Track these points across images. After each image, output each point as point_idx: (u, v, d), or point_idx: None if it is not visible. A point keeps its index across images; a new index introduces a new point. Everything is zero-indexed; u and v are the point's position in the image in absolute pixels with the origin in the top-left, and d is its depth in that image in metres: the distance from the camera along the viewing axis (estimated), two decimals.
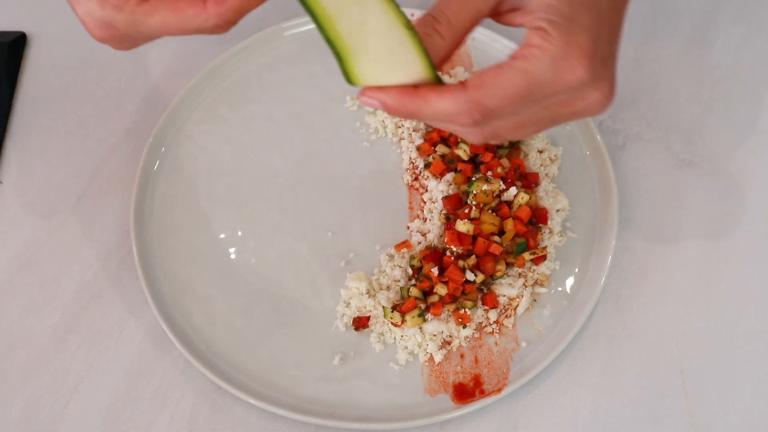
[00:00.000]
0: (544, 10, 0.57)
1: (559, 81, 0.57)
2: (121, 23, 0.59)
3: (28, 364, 0.82)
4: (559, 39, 0.57)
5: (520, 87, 0.57)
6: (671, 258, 0.87)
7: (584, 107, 0.60)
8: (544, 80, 0.57)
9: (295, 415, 0.78)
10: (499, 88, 0.57)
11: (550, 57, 0.57)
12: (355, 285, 0.83)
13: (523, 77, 0.57)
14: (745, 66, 0.97)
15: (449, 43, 0.60)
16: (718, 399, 0.81)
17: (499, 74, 0.57)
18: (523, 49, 0.58)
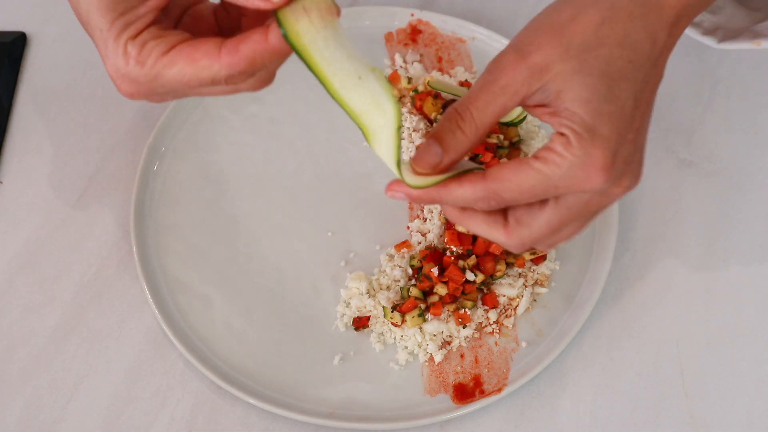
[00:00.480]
0: (569, 117, 0.60)
1: (574, 187, 0.61)
2: (143, 78, 0.59)
3: (28, 364, 0.82)
4: (578, 150, 0.59)
5: (536, 186, 0.60)
6: (671, 258, 0.87)
7: (608, 202, 0.63)
8: (560, 185, 0.60)
9: (295, 415, 0.78)
10: (516, 184, 0.61)
11: (568, 166, 0.60)
12: (355, 285, 0.83)
13: (539, 179, 0.60)
14: (745, 66, 0.97)
15: (471, 140, 0.62)
16: (718, 399, 0.81)
17: (518, 171, 0.61)
18: (545, 151, 0.60)
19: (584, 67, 0.60)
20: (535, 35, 0.62)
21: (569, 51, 0.60)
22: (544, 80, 0.60)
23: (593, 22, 0.61)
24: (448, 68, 0.96)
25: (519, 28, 1.01)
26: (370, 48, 0.97)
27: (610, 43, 0.61)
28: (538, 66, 0.60)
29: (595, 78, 0.60)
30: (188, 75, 0.58)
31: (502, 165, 0.62)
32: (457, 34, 0.97)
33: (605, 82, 0.60)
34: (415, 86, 0.93)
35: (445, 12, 0.99)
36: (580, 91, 0.60)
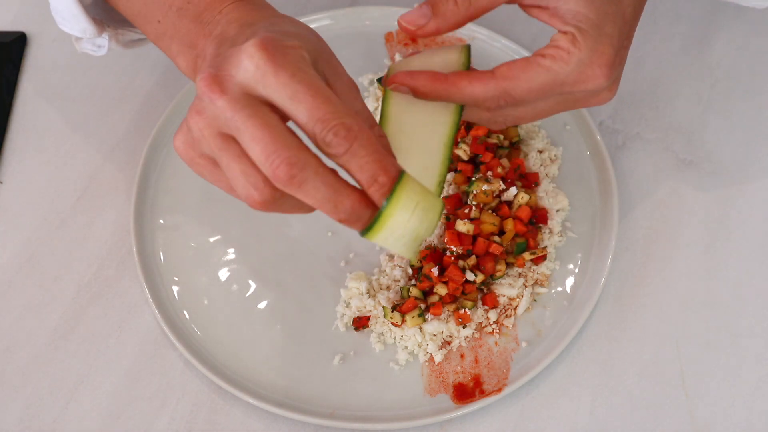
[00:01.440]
0: (574, 16, 0.61)
1: (581, 84, 0.62)
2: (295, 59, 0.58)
3: (28, 364, 0.82)
4: (585, 47, 0.61)
5: (545, 84, 0.62)
6: (671, 258, 0.87)
7: (595, 102, 0.66)
8: (568, 81, 0.62)
9: (295, 415, 0.78)
10: (526, 81, 0.62)
11: (576, 62, 0.61)
12: (355, 285, 0.83)
13: (548, 75, 0.62)
14: (745, 66, 0.97)
15: (461, 14, 0.63)
16: (718, 399, 0.81)
17: (527, 68, 0.62)
18: (551, 49, 0.62)
19: None
20: None
21: None
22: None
23: None
24: None
25: (519, 28, 1.02)
26: (370, 48, 0.97)
27: None
28: None
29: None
30: (326, 93, 0.57)
31: (510, 64, 0.62)
32: (457, 33, 0.97)
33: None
34: None
35: None
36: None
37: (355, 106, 0.60)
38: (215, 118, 0.57)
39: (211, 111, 0.57)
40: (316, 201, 0.57)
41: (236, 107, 0.56)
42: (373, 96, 0.93)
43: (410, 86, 0.62)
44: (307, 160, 0.56)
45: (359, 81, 0.94)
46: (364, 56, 0.96)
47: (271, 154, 0.55)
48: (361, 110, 0.60)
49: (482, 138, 0.86)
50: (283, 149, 0.55)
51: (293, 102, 0.56)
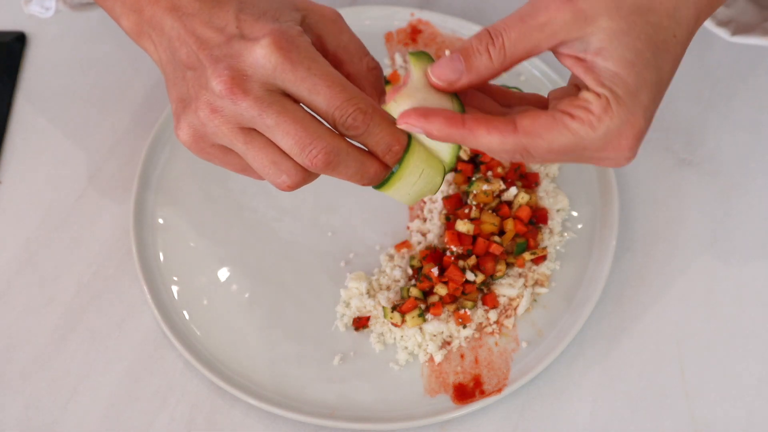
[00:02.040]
0: (611, 78, 0.57)
1: (603, 152, 0.59)
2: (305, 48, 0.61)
3: (28, 364, 0.82)
4: (617, 116, 0.57)
5: (567, 146, 0.58)
6: (671, 258, 0.87)
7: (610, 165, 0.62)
8: (591, 147, 0.59)
9: (294, 415, 0.78)
10: (548, 142, 0.58)
11: (604, 130, 0.58)
12: (355, 285, 0.83)
13: (572, 139, 0.58)
14: (745, 66, 0.97)
15: (495, 69, 0.60)
16: (718, 399, 0.81)
17: (552, 127, 0.58)
18: (581, 110, 0.58)
19: (633, 30, 0.57)
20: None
21: (620, 9, 0.58)
22: (586, 31, 0.57)
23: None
24: None
25: None
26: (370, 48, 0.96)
27: (660, 11, 0.58)
28: (585, 14, 0.57)
29: (642, 43, 0.58)
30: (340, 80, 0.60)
31: (534, 118, 0.59)
32: (457, 33, 0.97)
33: (651, 50, 0.58)
34: None
35: (445, 12, 0.99)
36: (625, 53, 0.57)
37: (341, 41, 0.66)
38: (236, 116, 0.60)
39: (230, 110, 0.60)
40: (347, 176, 0.63)
41: (262, 106, 0.59)
42: None
43: (424, 128, 0.60)
44: (339, 145, 0.61)
45: None
46: None
47: (306, 146, 0.60)
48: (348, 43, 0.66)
49: None
50: (317, 140, 0.60)
51: (312, 94, 0.60)
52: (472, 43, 0.59)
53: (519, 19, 0.59)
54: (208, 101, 0.61)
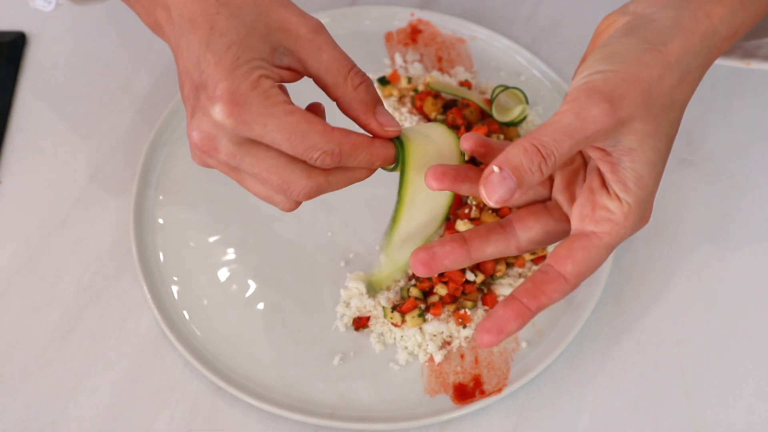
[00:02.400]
0: (635, 181, 0.60)
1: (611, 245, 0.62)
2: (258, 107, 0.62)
3: (28, 364, 0.82)
4: (637, 214, 0.61)
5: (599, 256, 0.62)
6: (671, 258, 0.87)
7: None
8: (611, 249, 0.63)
9: (295, 415, 0.78)
10: (593, 267, 0.62)
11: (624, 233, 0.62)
12: (355, 285, 0.83)
13: (607, 251, 0.62)
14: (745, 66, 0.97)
15: (543, 178, 0.60)
16: (718, 399, 0.81)
17: (591, 258, 0.62)
18: (606, 223, 0.61)
19: (658, 131, 0.60)
20: (626, 87, 0.59)
21: (650, 111, 0.60)
22: (620, 132, 0.59)
23: (673, 84, 0.61)
24: (448, 68, 0.96)
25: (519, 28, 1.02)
26: (370, 48, 0.97)
27: (677, 107, 0.62)
28: (624, 120, 0.59)
29: (663, 142, 0.61)
30: (301, 127, 0.61)
31: (575, 259, 0.62)
32: (457, 33, 0.97)
33: (667, 146, 0.62)
34: (415, 86, 0.93)
35: (445, 12, 0.99)
36: (650, 155, 0.60)
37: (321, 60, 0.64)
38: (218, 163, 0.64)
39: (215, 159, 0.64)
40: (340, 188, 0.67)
41: (236, 159, 0.63)
42: None
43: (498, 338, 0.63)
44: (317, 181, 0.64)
45: None
46: (364, 56, 0.96)
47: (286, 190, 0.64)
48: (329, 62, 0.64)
49: None
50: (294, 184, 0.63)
51: (276, 144, 0.62)
52: (523, 162, 0.59)
53: (568, 134, 0.58)
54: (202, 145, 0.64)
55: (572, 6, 1.02)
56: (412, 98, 0.92)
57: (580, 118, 0.58)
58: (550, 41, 0.99)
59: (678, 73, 0.61)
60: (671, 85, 0.61)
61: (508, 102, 0.89)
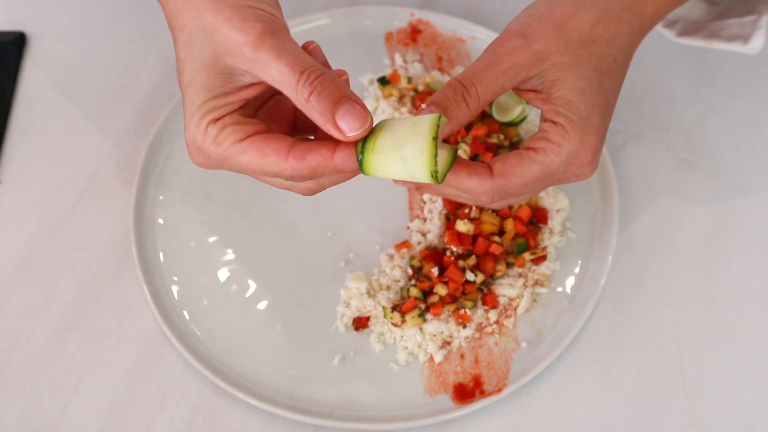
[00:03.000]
0: (564, 106, 0.65)
1: (568, 173, 0.67)
2: (215, 155, 0.64)
3: (28, 364, 0.82)
4: (574, 139, 0.65)
5: (537, 176, 0.66)
6: (671, 258, 0.87)
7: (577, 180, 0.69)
8: (558, 171, 0.66)
9: (294, 415, 0.78)
10: (520, 177, 0.66)
11: (566, 154, 0.65)
12: (355, 285, 0.83)
13: (540, 169, 0.66)
14: (745, 66, 0.97)
15: (471, 114, 0.66)
16: (718, 399, 0.81)
17: (520, 165, 0.66)
18: (542, 141, 0.66)
19: (580, 61, 0.66)
20: (538, 24, 0.66)
21: (568, 45, 0.66)
22: (542, 68, 0.66)
23: (590, 20, 0.67)
24: (448, 68, 0.96)
25: None
26: (370, 48, 0.97)
27: (601, 42, 0.67)
28: (540, 54, 0.66)
29: (589, 71, 0.66)
30: (255, 165, 0.63)
31: (505, 160, 0.66)
32: (457, 33, 0.97)
33: (597, 76, 0.66)
34: (415, 86, 0.93)
35: (445, 12, 0.99)
36: (575, 82, 0.66)
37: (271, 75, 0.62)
38: None
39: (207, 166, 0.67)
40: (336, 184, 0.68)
41: (223, 166, 0.65)
42: (373, 96, 0.93)
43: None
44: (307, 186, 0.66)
45: (359, 81, 0.94)
46: (363, 56, 0.96)
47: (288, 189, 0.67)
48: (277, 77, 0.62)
49: (482, 138, 0.86)
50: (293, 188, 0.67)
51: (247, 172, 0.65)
52: (448, 94, 0.65)
53: (486, 67, 0.66)
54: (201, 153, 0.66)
55: None
56: (412, 98, 0.92)
57: (496, 54, 0.66)
58: None
59: (594, 10, 0.67)
60: (588, 20, 0.67)
61: (508, 102, 0.89)
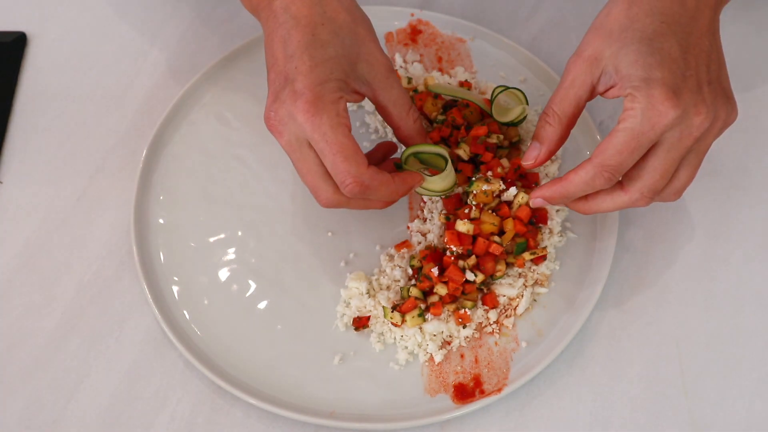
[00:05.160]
0: (627, 79, 0.72)
1: (656, 125, 0.71)
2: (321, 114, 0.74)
3: (28, 364, 0.82)
4: (642, 97, 0.71)
5: (627, 140, 0.72)
6: (671, 258, 0.87)
7: (699, 132, 0.73)
8: (644, 130, 0.72)
9: (295, 415, 0.78)
10: (612, 147, 0.73)
11: (641, 112, 0.71)
12: (355, 285, 0.83)
13: (626, 134, 0.72)
14: (745, 66, 0.97)
15: (557, 128, 0.77)
16: (718, 399, 0.81)
17: (610, 139, 0.73)
18: (622, 114, 0.73)
19: (625, 42, 0.73)
20: (585, 38, 0.76)
21: (611, 36, 0.74)
22: (601, 66, 0.74)
23: (623, 9, 0.75)
24: (448, 68, 0.96)
25: (518, 28, 1.02)
26: None
27: (640, 17, 0.74)
28: (592, 57, 0.75)
29: (635, 44, 0.73)
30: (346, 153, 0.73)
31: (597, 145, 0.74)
32: (457, 34, 0.97)
33: (645, 43, 0.72)
34: (415, 86, 0.93)
35: (445, 12, 0.99)
36: (627, 58, 0.73)
37: (391, 96, 0.79)
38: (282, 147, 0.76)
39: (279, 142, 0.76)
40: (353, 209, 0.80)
41: (290, 149, 0.75)
42: None
43: (542, 197, 0.78)
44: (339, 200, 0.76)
45: None
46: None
47: (315, 192, 0.76)
48: (396, 98, 0.79)
49: (482, 138, 0.86)
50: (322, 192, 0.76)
51: (321, 156, 0.74)
52: (536, 126, 0.78)
53: (556, 90, 0.77)
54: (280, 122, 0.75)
55: (572, 6, 1.02)
56: (412, 98, 0.92)
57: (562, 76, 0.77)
58: (550, 41, 0.99)
59: (624, 0, 0.75)
60: (621, 10, 0.74)
61: (508, 102, 0.89)
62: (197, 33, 0.99)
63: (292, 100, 0.73)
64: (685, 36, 0.74)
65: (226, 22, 1.00)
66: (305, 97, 0.73)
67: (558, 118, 0.77)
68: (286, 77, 0.74)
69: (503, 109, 0.88)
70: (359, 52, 0.76)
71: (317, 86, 0.73)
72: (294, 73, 0.74)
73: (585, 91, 0.76)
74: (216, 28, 0.99)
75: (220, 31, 0.99)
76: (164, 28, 1.00)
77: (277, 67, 0.75)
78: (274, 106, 0.75)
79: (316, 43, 0.74)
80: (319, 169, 0.75)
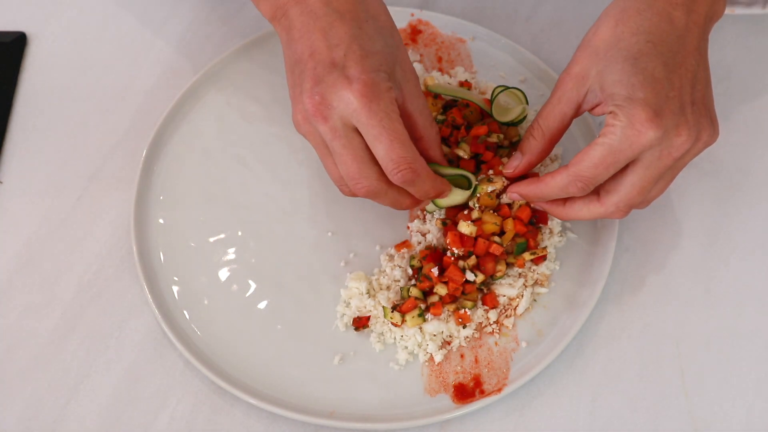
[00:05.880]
0: (612, 98, 0.74)
1: (634, 144, 0.73)
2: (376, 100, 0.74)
3: (28, 364, 0.82)
4: (623, 115, 0.73)
5: (604, 155, 0.74)
6: (671, 258, 0.87)
7: (680, 153, 0.74)
8: (621, 147, 0.73)
9: (295, 415, 0.78)
10: (589, 160, 0.74)
11: (620, 129, 0.73)
12: (355, 285, 0.83)
13: (603, 149, 0.74)
14: (745, 66, 0.97)
15: (540, 143, 0.79)
16: (718, 399, 0.81)
17: (588, 151, 0.74)
18: (603, 129, 0.74)
19: (611, 61, 0.74)
20: (575, 55, 0.78)
21: (598, 55, 0.75)
22: (587, 84, 0.76)
23: (609, 27, 0.76)
24: (448, 68, 0.96)
25: (518, 28, 1.03)
26: None
27: (626, 36, 0.75)
28: (579, 75, 0.76)
29: (620, 63, 0.74)
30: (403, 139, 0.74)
31: (579, 152, 0.75)
32: (457, 34, 0.97)
33: (629, 62, 0.74)
34: None
35: (445, 12, 0.99)
36: (611, 77, 0.74)
37: (419, 105, 0.78)
38: (315, 131, 0.76)
39: (313, 125, 0.75)
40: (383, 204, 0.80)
41: (335, 135, 0.74)
42: None
43: (518, 192, 0.81)
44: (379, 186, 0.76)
45: None
46: None
47: (354, 179, 0.75)
48: (423, 108, 0.79)
49: (482, 137, 0.86)
50: (364, 179, 0.75)
51: (375, 141, 0.73)
52: (523, 136, 0.81)
53: (544, 104, 0.79)
54: (303, 108, 0.75)
55: (572, 6, 1.02)
56: None
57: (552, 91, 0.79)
58: (550, 41, 0.99)
59: (611, 17, 0.76)
60: (607, 28, 0.76)
61: (508, 102, 0.89)
62: (197, 33, 0.99)
63: (345, 84, 0.72)
64: (672, 55, 0.75)
65: (226, 22, 1.00)
66: (362, 81, 0.72)
67: (542, 132, 0.79)
68: (333, 63, 0.73)
69: (503, 109, 0.88)
70: (397, 55, 0.77)
71: (372, 73, 0.73)
72: (343, 59, 0.73)
73: (571, 108, 0.78)
74: (216, 28, 0.99)
75: (220, 31, 0.99)
76: (164, 28, 1.00)
77: (318, 55, 0.74)
78: (317, 89, 0.73)
79: (364, 36, 0.75)
80: (366, 155, 0.75)
